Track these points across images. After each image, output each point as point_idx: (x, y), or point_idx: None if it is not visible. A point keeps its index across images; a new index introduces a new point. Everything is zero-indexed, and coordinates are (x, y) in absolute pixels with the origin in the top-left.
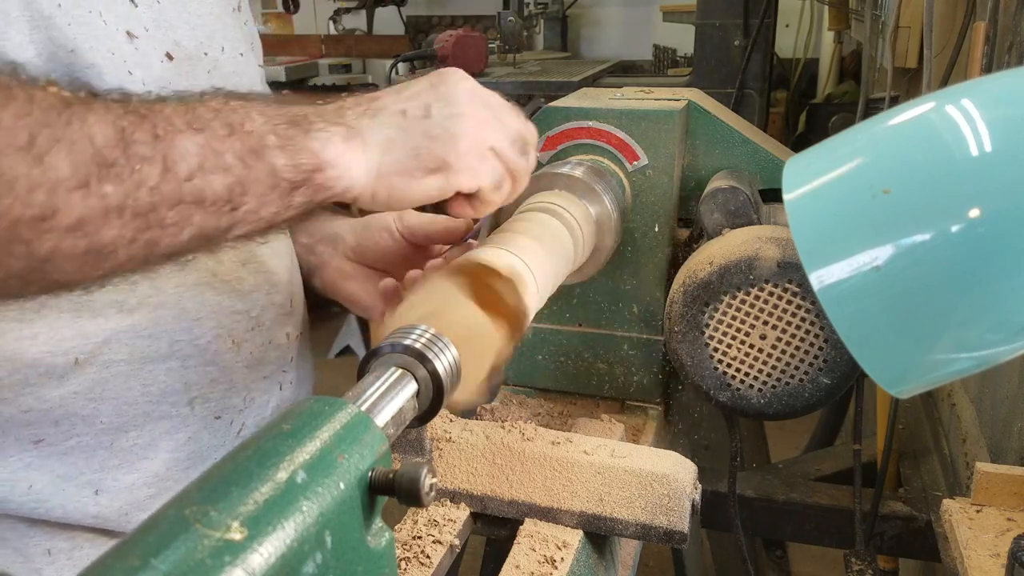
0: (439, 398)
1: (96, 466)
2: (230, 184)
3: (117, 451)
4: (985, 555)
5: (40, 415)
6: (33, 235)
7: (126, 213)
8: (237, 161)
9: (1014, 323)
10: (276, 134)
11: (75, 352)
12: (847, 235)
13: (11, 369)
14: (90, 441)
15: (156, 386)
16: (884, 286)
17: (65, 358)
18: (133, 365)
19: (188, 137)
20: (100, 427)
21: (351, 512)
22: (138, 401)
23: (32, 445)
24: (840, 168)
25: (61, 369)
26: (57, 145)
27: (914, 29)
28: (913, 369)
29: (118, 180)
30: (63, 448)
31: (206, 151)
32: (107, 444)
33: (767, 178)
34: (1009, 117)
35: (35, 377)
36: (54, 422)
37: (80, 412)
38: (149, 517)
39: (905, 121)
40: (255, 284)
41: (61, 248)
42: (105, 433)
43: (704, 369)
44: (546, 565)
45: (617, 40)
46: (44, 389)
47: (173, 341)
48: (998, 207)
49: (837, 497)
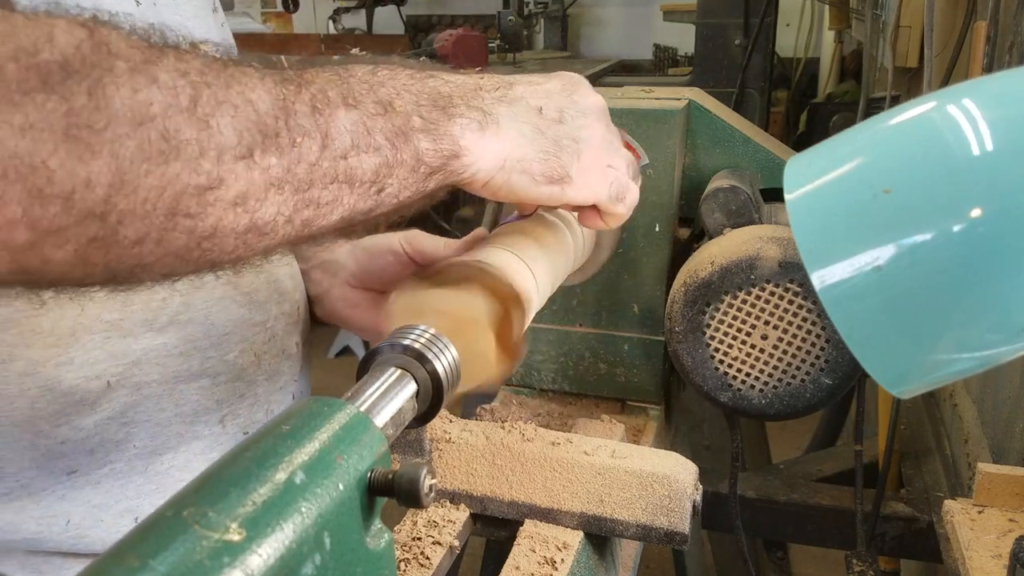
0: (439, 398)
1: (132, 493)
2: (378, 165)
3: (152, 476)
4: (987, 556)
5: (75, 445)
6: (198, 208)
7: (286, 189)
8: (386, 142)
9: (1016, 323)
10: (421, 116)
11: (107, 375)
12: (848, 235)
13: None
14: (123, 467)
15: (189, 406)
16: (885, 286)
17: (97, 382)
18: (165, 385)
19: (344, 113)
20: (133, 452)
21: (350, 513)
22: (172, 423)
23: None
24: (841, 168)
25: (94, 395)
26: (221, 108)
27: (915, 28)
28: (915, 369)
29: (279, 152)
30: (96, 477)
31: (360, 129)
32: (141, 469)
33: (768, 177)
34: (1010, 116)
35: (71, 406)
36: (88, 451)
37: (113, 438)
38: (147, 518)
39: (906, 120)
40: (268, 295)
41: (223, 224)
42: (139, 458)
43: (705, 369)
44: (546, 566)
45: (617, 39)
46: (79, 418)
47: (204, 358)
48: (1000, 207)
49: (838, 498)
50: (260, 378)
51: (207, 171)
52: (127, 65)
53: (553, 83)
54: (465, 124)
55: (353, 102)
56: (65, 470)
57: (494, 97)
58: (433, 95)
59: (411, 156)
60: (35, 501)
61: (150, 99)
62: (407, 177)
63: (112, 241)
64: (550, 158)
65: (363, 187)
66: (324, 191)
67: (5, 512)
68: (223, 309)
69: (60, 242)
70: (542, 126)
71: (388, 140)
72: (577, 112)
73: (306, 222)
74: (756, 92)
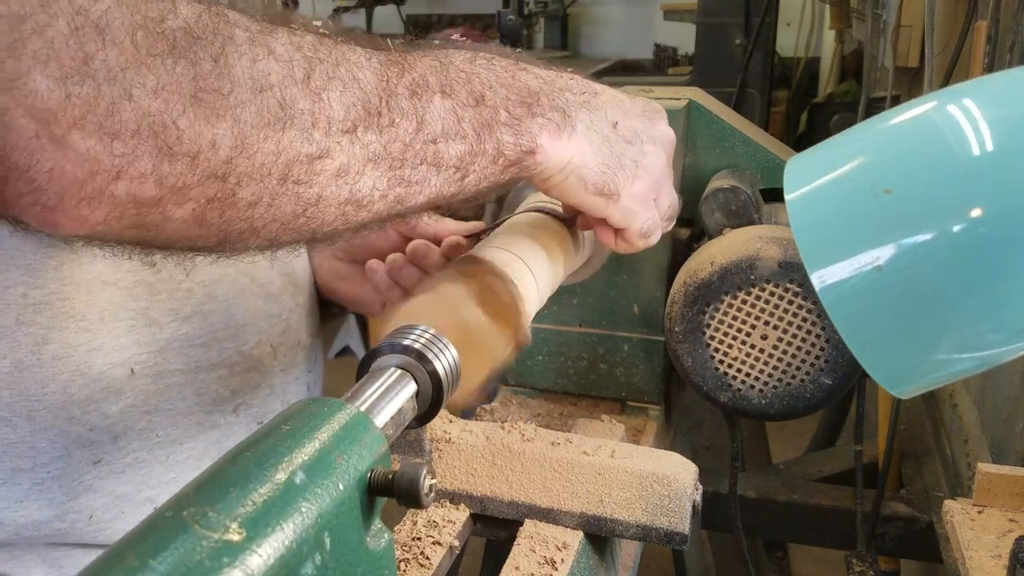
0: (439, 399)
1: (153, 482)
2: (463, 153)
3: (172, 465)
4: (987, 556)
5: (101, 432)
6: (305, 176)
7: (382, 165)
8: (473, 132)
9: (1016, 323)
10: (508, 111)
11: (131, 363)
12: (848, 235)
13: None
14: (146, 456)
15: (208, 395)
16: (885, 286)
17: (123, 369)
18: (187, 375)
19: (440, 100)
20: (155, 441)
21: (350, 513)
22: (192, 411)
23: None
24: (841, 167)
25: (119, 382)
26: (331, 83)
27: (915, 28)
28: (915, 369)
29: (379, 130)
30: (120, 466)
31: (451, 117)
32: (162, 459)
33: (768, 177)
34: (1011, 116)
35: (99, 392)
36: (113, 439)
37: (135, 426)
38: (147, 518)
39: (906, 120)
40: (282, 286)
41: (326, 194)
42: (160, 447)
43: (705, 369)
44: (546, 566)
45: (617, 39)
46: (105, 404)
47: (223, 349)
48: (1000, 207)
49: (838, 498)
50: (276, 369)
51: (317, 141)
52: (246, 35)
53: (635, 104)
54: (544, 124)
55: (449, 91)
56: (91, 459)
57: (578, 101)
58: (523, 91)
59: (493, 148)
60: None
61: (268, 69)
62: (487, 167)
63: (229, 202)
64: (607, 173)
65: (448, 172)
66: (414, 171)
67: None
68: (242, 301)
69: (182, 200)
70: (612, 139)
71: (475, 130)
72: (648, 138)
73: (398, 199)
74: (756, 92)
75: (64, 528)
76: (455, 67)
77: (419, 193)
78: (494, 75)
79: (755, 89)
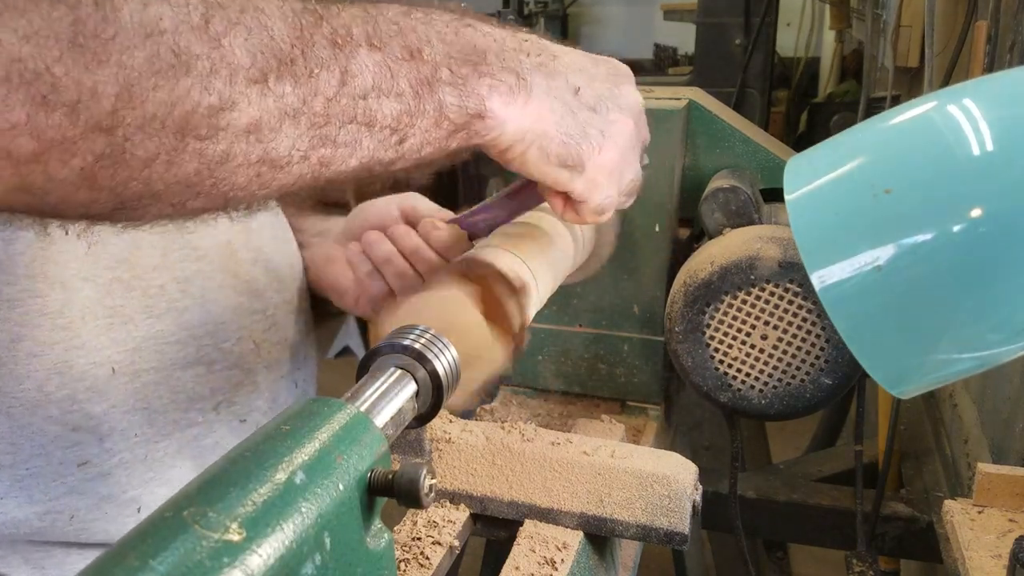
0: (439, 399)
1: (136, 482)
2: (399, 113)
3: (151, 463)
4: (987, 556)
5: (87, 433)
6: (209, 130)
7: (302, 122)
8: (409, 89)
9: (1016, 323)
10: (450, 69)
11: (111, 362)
12: (848, 235)
13: (59, 383)
14: (129, 457)
15: (184, 393)
16: (885, 286)
17: (104, 369)
18: (162, 373)
19: (367, 53)
20: (135, 440)
21: (350, 513)
22: (168, 410)
23: (76, 468)
24: (841, 168)
25: (102, 381)
26: (234, 29)
27: (915, 28)
28: (915, 369)
29: (295, 81)
30: (107, 468)
31: (383, 71)
32: (142, 457)
33: (768, 177)
34: (1011, 116)
35: (82, 392)
36: (99, 440)
37: (118, 426)
38: (147, 518)
39: (906, 120)
40: (267, 282)
41: (234, 151)
42: (140, 446)
43: (705, 369)
44: (546, 567)
45: (617, 39)
46: (89, 404)
47: (200, 346)
48: (1000, 207)
49: (838, 498)
50: (259, 366)
51: (218, 91)
52: None
53: (600, 68)
54: (494, 85)
55: (379, 43)
56: (76, 460)
57: (533, 63)
58: (467, 48)
59: (434, 108)
60: (43, 492)
61: (160, 14)
62: (429, 130)
63: (120, 159)
64: (570, 145)
65: (383, 132)
66: (342, 130)
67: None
68: (221, 297)
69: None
70: (574, 107)
71: (412, 88)
72: (614, 105)
73: (323, 161)
74: (756, 92)
75: (44, 527)
76: (385, 19)
77: (350, 156)
78: (433, 30)
79: (755, 89)
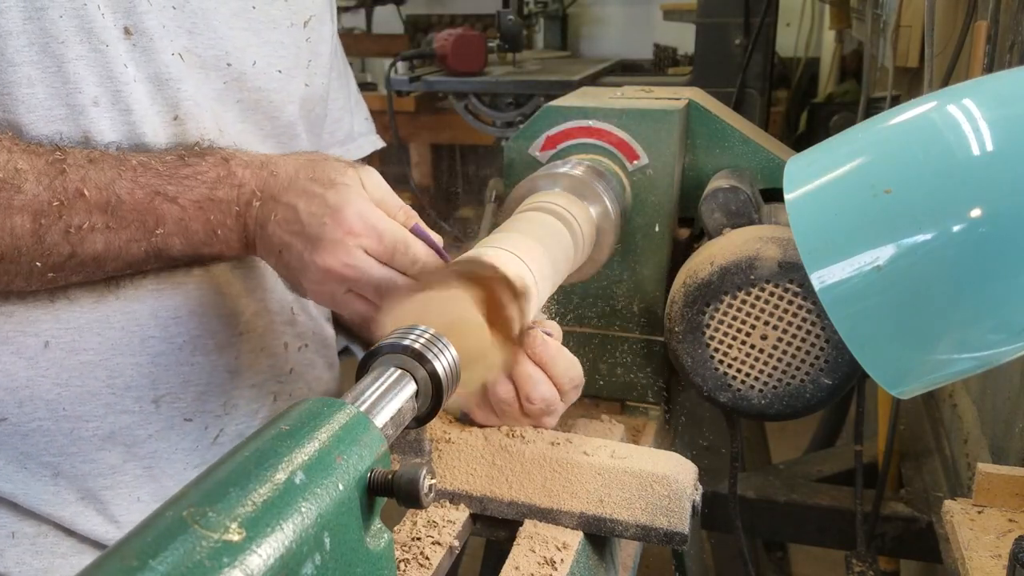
0: (438, 399)
1: (55, 450)
2: None
3: (76, 439)
4: (986, 556)
5: (7, 394)
6: None
7: None
8: None
9: (1016, 323)
10: None
11: (46, 335)
12: (848, 235)
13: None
14: (51, 426)
15: (121, 379)
16: (885, 286)
17: (36, 339)
18: (102, 355)
19: None
20: (62, 414)
21: (350, 513)
22: (101, 392)
23: None
24: (841, 168)
25: (31, 350)
26: None
27: (915, 28)
28: (914, 369)
29: None
30: (25, 430)
31: None
32: (67, 431)
33: (768, 177)
34: (1011, 116)
35: (6, 355)
36: (18, 403)
37: (44, 396)
38: (147, 517)
39: (906, 120)
40: (244, 288)
41: None
42: (66, 420)
43: (705, 369)
44: (546, 567)
45: (617, 39)
46: (13, 367)
47: (145, 337)
48: (1000, 207)
49: (838, 498)
50: (219, 368)
51: None
52: None
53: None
54: None
55: None
56: None
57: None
58: None
59: None
60: None
61: None
62: None
63: None
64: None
65: None
66: None
67: None
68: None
69: None
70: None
71: None
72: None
73: None
74: (756, 92)
75: None
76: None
77: None
78: None
79: (755, 89)
